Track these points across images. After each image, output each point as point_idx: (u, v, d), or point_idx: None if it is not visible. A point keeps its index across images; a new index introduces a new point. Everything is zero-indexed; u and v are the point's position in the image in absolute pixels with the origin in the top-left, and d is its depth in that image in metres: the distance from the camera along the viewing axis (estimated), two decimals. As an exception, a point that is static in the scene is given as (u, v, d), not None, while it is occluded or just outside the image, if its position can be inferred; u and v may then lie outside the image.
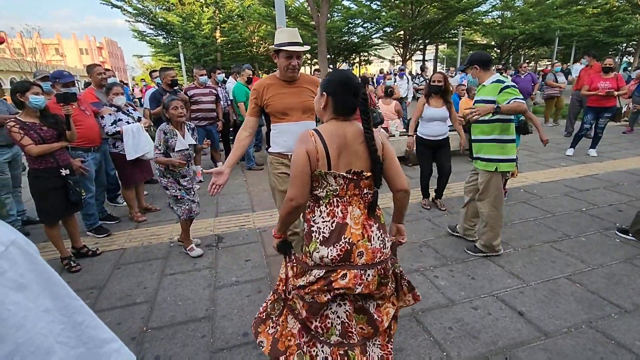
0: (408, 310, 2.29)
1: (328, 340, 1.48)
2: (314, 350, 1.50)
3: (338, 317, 1.48)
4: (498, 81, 2.71)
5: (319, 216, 1.43)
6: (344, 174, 1.39)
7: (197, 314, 2.36)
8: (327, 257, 1.38)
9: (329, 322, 1.48)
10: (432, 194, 4.10)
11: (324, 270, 1.40)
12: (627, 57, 26.24)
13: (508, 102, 2.56)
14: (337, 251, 1.38)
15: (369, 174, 1.42)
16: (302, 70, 2.38)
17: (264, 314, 1.66)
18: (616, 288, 2.43)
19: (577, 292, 2.41)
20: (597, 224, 3.42)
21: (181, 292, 2.62)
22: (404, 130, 6.49)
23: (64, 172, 2.85)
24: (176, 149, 2.93)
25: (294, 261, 1.55)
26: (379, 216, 1.49)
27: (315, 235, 1.42)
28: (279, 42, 2.12)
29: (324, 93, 1.45)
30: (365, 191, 1.44)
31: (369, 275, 1.40)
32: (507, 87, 2.64)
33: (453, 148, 6.12)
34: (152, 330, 2.23)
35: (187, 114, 4.99)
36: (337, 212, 1.41)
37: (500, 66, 10.21)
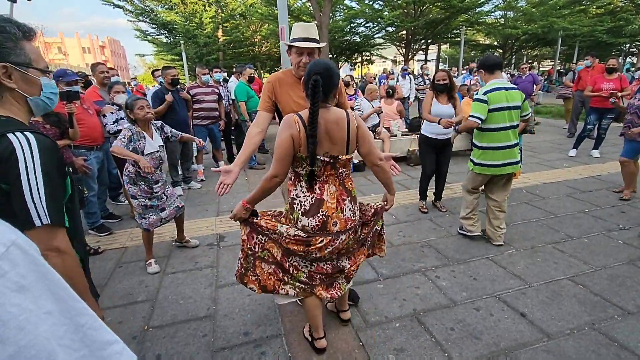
0: (410, 311, 2.28)
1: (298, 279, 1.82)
2: (292, 279, 1.83)
3: (307, 267, 1.80)
4: (485, 90, 2.90)
5: (300, 191, 1.66)
6: (322, 158, 1.59)
7: (198, 313, 2.36)
8: (308, 226, 1.65)
9: (299, 267, 1.81)
10: (432, 196, 4.08)
11: (305, 235, 1.67)
12: (630, 58, 26.14)
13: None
14: (315, 222, 1.64)
15: (344, 157, 1.64)
16: None
17: (242, 269, 1.89)
18: (619, 290, 2.41)
19: (580, 293, 2.40)
20: (600, 225, 3.41)
21: (183, 290, 2.62)
22: (406, 130, 6.48)
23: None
24: (145, 152, 2.69)
25: (265, 217, 1.85)
26: (351, 190, 1.74)
27: (297, 207, 1.67)
28: (293, 37, 2.04)
29: (303, 86, 1.62)
30: (340, 170, 1.67)
31: (341, 239, 1.70)
32: (475, 99, 2.92)
33: (457, 148, 6.14)
34: (153, 329, 2.23)
35: (190, 113, 5.01)
36: (315, 189, 1.64)
37: (475, 64, 10.15)
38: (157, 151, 2.79)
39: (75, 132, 2.92)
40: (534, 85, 7.86)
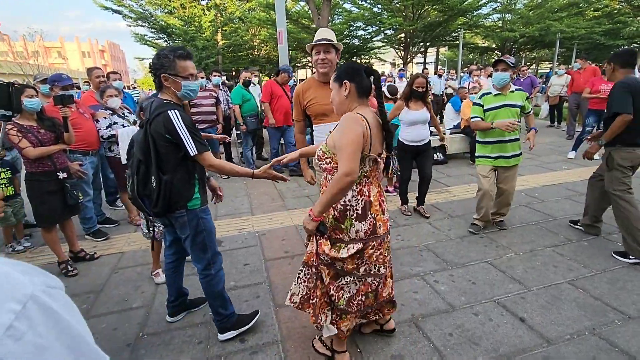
0: (408, 316, 2.26)
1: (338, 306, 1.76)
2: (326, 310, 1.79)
3: (349, 291, 1.74)
4: (520, 89, 3.22)
5: (351, 195, 1.60)
6: (376, 157, 1.59)
7: (194, 319, 2.33)
8: (361, 230, 1.61)
9: (341, 294, 1.74)
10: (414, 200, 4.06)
11: (361, 244, 1.62)
12: (628, 60, 26.15)
13: (529, 111, 3.31)
14: (367, 225, 1.61)
15: (385, 155, 1.65)
16: (307, 73, 2.44)
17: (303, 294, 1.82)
18: (620, 294, 2.39)
19: (580, 297, 2.37)
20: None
21: (178, 296, 2.59)
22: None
23: (61, 175, 2.83)
24: None
25: (326, 238, 1.69)
26: (382, 190, 1.74)
27: (349, 213, 1.61)
28: (314, 40, 2.32)
29: (345, 82, 1.59)
30: (378, 171, 1.68)
31: (386, 242, 1.71)
32: (474, 104, 3.21)
33: (455, 151, 6.14)
34: (148, 335, 2.20)
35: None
36: (364, 191, 1.61)
37: (475, 67, 10.13)
38: None
39: (70, 136, 2.90)
40: (532, 88, 7.89)
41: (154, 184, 1.77)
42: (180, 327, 2.26)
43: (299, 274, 1.80)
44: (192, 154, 1.76)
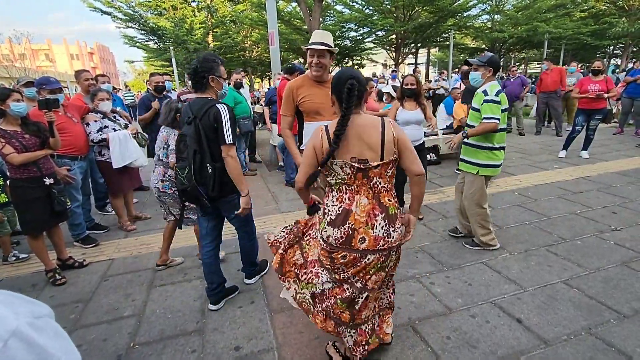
0: (405, 320, 2.23)
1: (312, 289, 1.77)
2: (305, 282, 1.79)
3: (322, 285, 1.72)
4: (484, 92, 2.82)
5: (330, 200, 1.61)
6: (351, 163, 1.51)
7: (187, 327, 2.28)
8: (332, 236, 1.56)
9: (312, 280, 1.74)
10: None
11: (329, 248, 1.59)
12: (614, 60, 26.71)
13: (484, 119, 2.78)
14: (340, 233, 1.54)
15: (375, 163, 1.51)
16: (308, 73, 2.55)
17: (280, 240, 1.95)
18: (614, 292, 2.40)
19: (575, 297, 2.38)
20: (592, 226, 3.41)
21: (171, 304, 2.54)
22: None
23: (47, 181, 2.75)
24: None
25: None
26: (388, 206, 1.57)
27: (325, 217, 1.60)
28: (310, 42, 2.37)
29: (332, 95, 1.61)
30: (374, 181, 1.54)
31: (368, 259, 1.56)
32: (490, 101, 2.76)
33: (448, 151, 6.15)
34: (139, 345, 2.14)
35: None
36: (345, 199, 1.57)
37: (467, 68, 10.14)
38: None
39: (56, 141, 2.81)
40: (523, 87, 7.99)
41: (210, 170, 2.11)
42: (173, 336, 2.20)
43: (287, 225, 1.98)
44: (226, 142, 2.09)
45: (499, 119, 2.75)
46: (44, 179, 2.74)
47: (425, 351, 1.98)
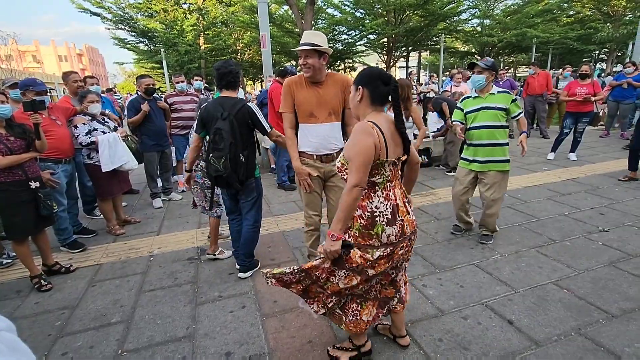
0: (397, 323, 2.22)
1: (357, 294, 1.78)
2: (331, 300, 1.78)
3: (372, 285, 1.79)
4: (505, 92, 3.12)
5: (379, 201, 1.60)
6: (395, 160, 1.61)
7: (177, 333, 2.23)
8: (392, 235, 1.60)
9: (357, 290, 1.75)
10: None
11: (392, 248, 1.61)
12: (600, 64, 27.35)
13: (517, 115, 3.12)
14: (397, 229, 1.61)
15: (404, 157, 1.67)
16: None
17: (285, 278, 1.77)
18: (602, 293, 2.43)
19: (565, 298, 2.40)
20: (580, 227, 3.46)
21: (160, 309, 2.49)
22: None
23: (33, 184, 2.68)
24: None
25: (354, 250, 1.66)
26: (404, 190, 1.76)
27: (379, 219, 1.59)
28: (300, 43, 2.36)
29: (359, 87, 1.60)
30: (399, 173, 1.72)
31: (413, 240, 1.74)
32: (515, 99, 3.10)
33: (439, 154, 6.20)
34: (128, 353, 2.09)
35: (169, 122, 4.88)
36: (391, 195, 1.63)
37: (456, 71, 10.33)
38: None
39: (42, 143, 2.75)
40: (512, 90, 8.11)
41: (242, 159, 2.47)
42: (162, 342, 2.16)
43: (289, 268, 1.74)
44: (267, 131, 2.57)
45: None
46: (30, 183, 2.67)
47: (417, 354, 1.97)
